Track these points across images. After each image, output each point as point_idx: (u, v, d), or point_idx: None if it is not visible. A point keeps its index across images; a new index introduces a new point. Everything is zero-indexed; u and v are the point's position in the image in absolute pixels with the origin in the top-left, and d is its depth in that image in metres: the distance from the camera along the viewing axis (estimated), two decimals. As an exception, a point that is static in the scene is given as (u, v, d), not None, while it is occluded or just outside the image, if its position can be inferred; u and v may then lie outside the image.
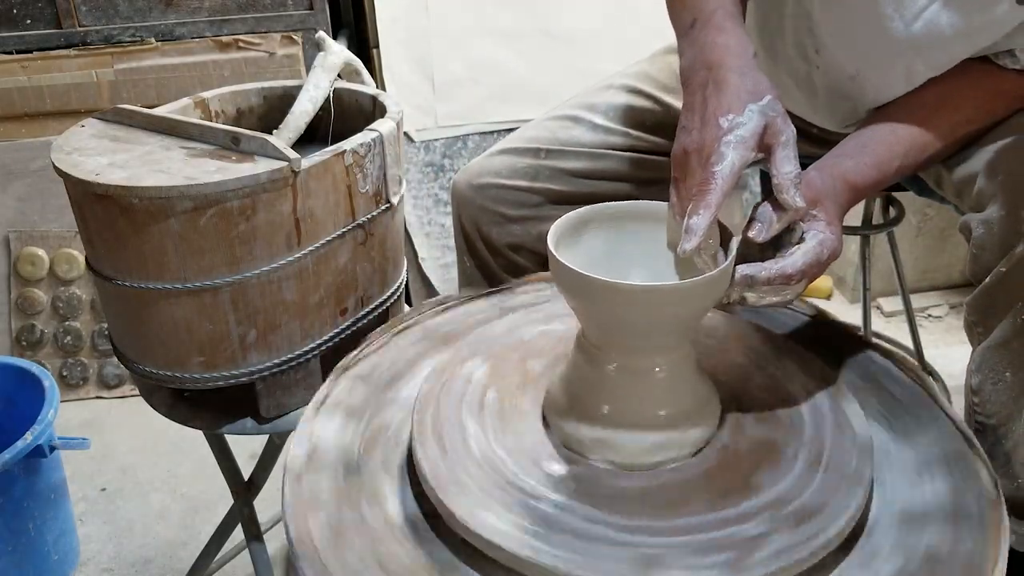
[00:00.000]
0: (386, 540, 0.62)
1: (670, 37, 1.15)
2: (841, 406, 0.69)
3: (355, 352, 0.82)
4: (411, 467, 0.68)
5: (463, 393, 0.72)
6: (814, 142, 1.05)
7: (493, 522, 0.59)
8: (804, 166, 0.74)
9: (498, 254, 1.08)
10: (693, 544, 0.58)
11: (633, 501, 0.62)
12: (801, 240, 0.70)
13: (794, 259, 0.68)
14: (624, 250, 0.71)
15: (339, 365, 0.80)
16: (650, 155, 1.05)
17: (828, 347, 0.80)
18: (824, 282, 2.14)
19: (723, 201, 0.68)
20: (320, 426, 0.73)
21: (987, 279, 0.79)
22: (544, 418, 0.70)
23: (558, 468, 0.65)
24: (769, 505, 0.60)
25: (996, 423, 0.81)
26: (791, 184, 0.70)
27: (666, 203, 0.71)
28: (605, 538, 0.58)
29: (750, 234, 0.69)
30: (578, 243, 0.69)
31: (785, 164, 0.71)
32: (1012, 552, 0.61)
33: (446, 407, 0.70)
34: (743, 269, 0.67)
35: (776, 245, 0.71)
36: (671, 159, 0.74)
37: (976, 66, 0.84)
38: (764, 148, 0.72)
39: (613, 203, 0.71)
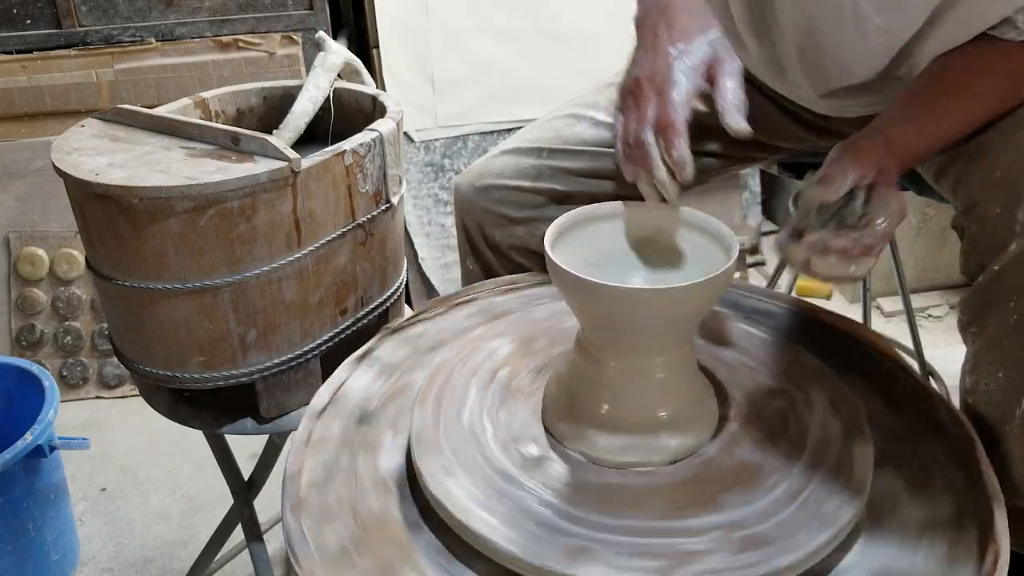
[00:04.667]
0: (367, 490, 0.66)
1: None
2: (852, 447, 0.65)
3: (410, 316, 0.86)
4: None
5: (479, 366, 0.74)
6: (812, 130, 1.06)
7: (450, 487, 0.62)
8: (805, 164, 0.74)
9: (502, 256, 1.07)
10: (628, 546, 0.57)
11: (589, 494, 0.62)
12: (866, 207, 0.68)
13: (876, 229, 0.66)
14: (624, 250, 0.71)
15: (388, 326, 0.85)
16: None
17: (872, 378, 0.77)
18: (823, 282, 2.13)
19: (687, 126, 0.72)
20: (354, 376, 0.78)
21: (980, 278, 0.78)
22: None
23: (532, 450, 0.66)
24: (722, 526, 0.59)
25: (991, 423, 0.80)
26: (734, 107, 0.73)
27: (665, 204, 0.71)
28: (546, 521, 0.59)
29: (824, 194, 0.68)
30: (577, 243, 0.69)
31: (728, 91, 0.74)
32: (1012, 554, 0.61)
33: (457, 376, 0.73)
34: (818, 234, 0.66)
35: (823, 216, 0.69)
36: (619, 92, 0.76)
37: (987, 46, 0.79)
38: (710, 79, 0.75)
39: (612, 203, 0.71)
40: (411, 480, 0.66)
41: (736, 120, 0.73)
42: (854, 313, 1.95)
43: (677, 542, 0.58)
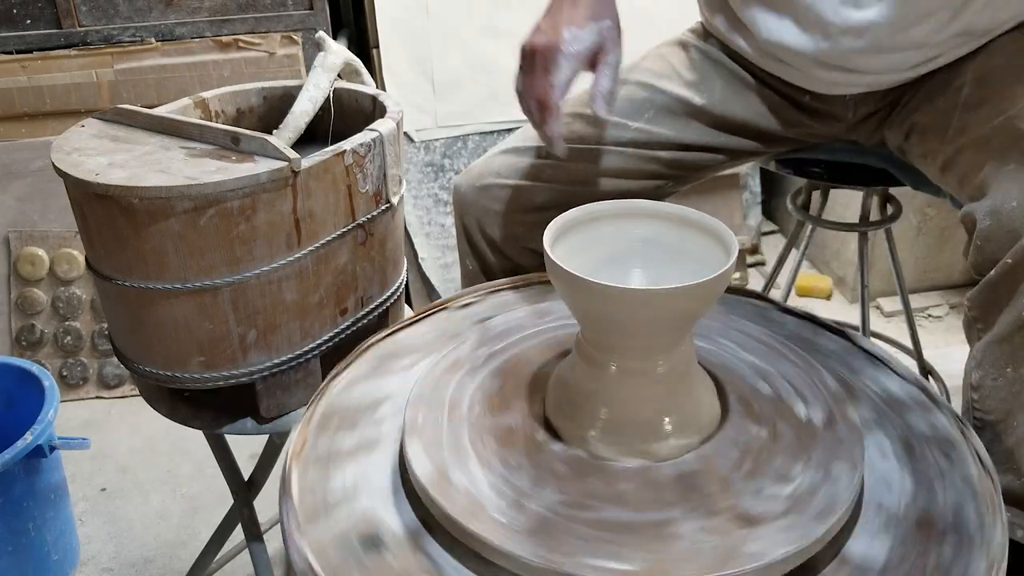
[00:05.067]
0: (367, 465, 0.67)
1: (665, 37, 1.16)
2: (850, 449, 0.65)
3: (456, 296, 0.88)
4: None
5: (484, 361, 0.75)
6: (808, 113, 1.06)
7: (420, 457, 0.63)
8: (804, 160, 0.74)
9: (501, 254, 1.08)
10: (619, 543, 0.58)
11: (586, 491, 0.62)
12: None
13: None
14: (624, 250, 0.71)
15: (438, 302, 0.87)
16: (650, 149, 1.05)
17: (877, 383, 0.76)
18: (823, 282, 2.14)
19: (559, 107, 0.86)
20: (401, 335, 0.81)
21: (991, 272, 0.78)
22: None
23: (531, 447, 0.66)
24: (717, 523, 0.59)
25: (995, 419, 0.80)
26: (601, 96, 0.88)
27: (664, 204, 0.71)
28: (540, 517, 0.59)
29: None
30: (577, 243, 0.69)
31: (603, 80, 0.88)
32: (1013, 545, 0.61)
33: (468, 358, 0.74)
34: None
35: None
36: (521, 48, 0.90)
37: None
38: (592, 64, 0.88)
39: (612, 202, 0.71)
40: (403, 472, 0.67)
41: (600, 108, 0.88)
42: (854, 313, 1.95)
43: (669, 538, 0.58)
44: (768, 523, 0.59)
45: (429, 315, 0.87)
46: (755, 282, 2.19)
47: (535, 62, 0.88)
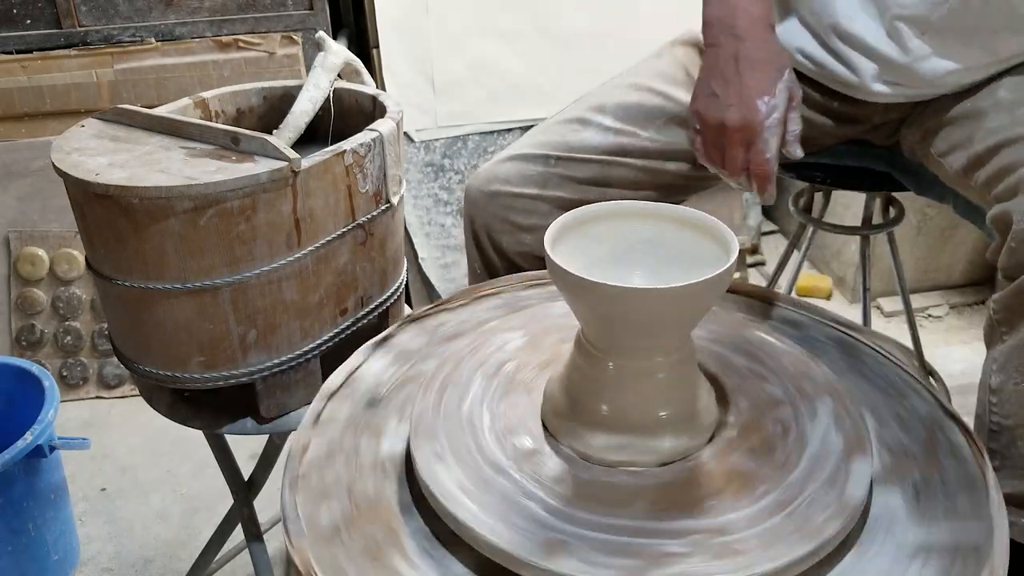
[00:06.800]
0: (365, 472, 0.67)
1: (673, 35, 1.15)
2: (850, 463, 0.63)
3: (430, 306, 0.86)
4: None
5: (487, 358, 0.75)
6: (838, 119, 1.06)
7: (440, 474, 0.63)
8: (805, 164, 0.74)
9: (509, 262, 1.08)
10: (607, 543, 0.58)
11: (576, 490, 0.62)
12: None
13: None
14: (624, 250, 0.71)
15: (409, 315, 0.85)
16: (660, 159, 1.04)
17: (890, 395, 0.74)
18: (824, 282, 2.14)
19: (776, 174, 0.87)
20: (370, 360, 0.79)
21: (1022, 276, 0.76)
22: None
23: (526, 443, 0.66)
24: (704, 531, 0.58)
25: (1014, 424, 0.79)
26: (795, 139, 0.87)
27: (665, 204, 0.71)
28: (525, 511, 0.60)
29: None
30: (578, 243, 0.69)
31: (793, 126, 0.87)
32: (1013, 544, 0.61)
33: (464, 366, 0.74)
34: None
35: None
36: (696, 116, 0.88)
37: None
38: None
39: (613, 203, 0.71)
40: (408, 465, 0.67)
41: (795, 150, 0.87)
42: (854, 313, 1.95)
43: (656, 543, 0.57)
44: (746, 540, 0.58)
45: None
46: (755, 282, 2.19)
47: (730, 139, 0.86)
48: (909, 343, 1.54)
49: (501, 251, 1.07)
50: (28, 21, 1.76)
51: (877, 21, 0.94)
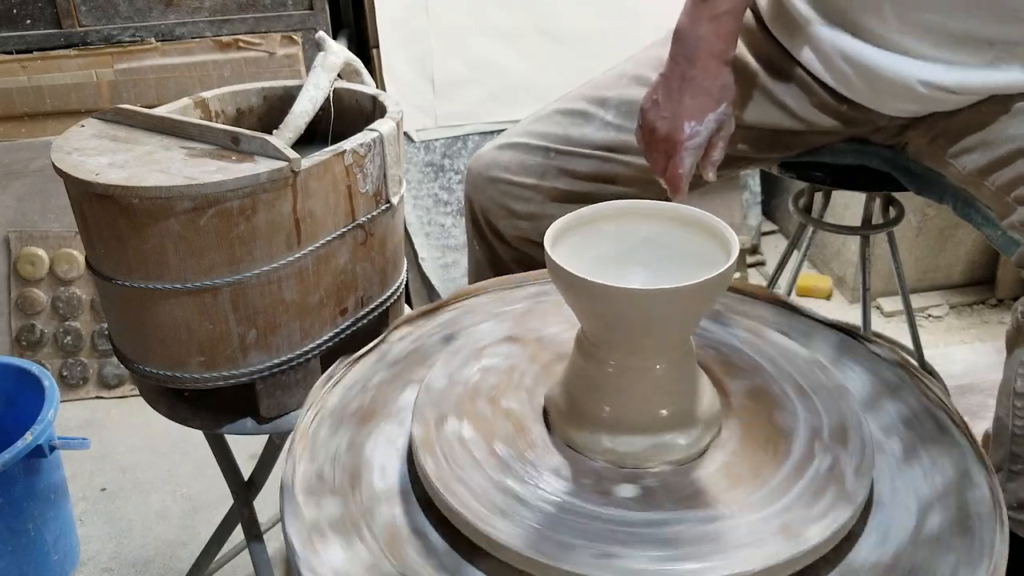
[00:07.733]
0: (365, 472, 0.68)
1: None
2: (847, 464, 0.64)
3: (430, 305, 0.87)
4: None
5: (490, 355, 0.75)
6: (843, 120, 1.05)
7: (450, 481, 0.63)
8: (806, 164, 0.73)
9: (507, 245, 1.11)
10: (612, 539, 0.58)
11: (575, 488, 0.62)
12: None
13: None
14: (624, 250, 0.71)
15: (405, 316, 0.86)
16: None
17: (895, 397, 0.75)
18: (824, 282, 2.14)
19: (688, 183, 0.93)
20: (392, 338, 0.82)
21: None
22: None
23: (527, 443, 0.67)
24: (705, 525, 0.59)
25: None
26: (713, 166, 0.95)
27: (665, 203, 0.71)
28: (536, 513, 0.60)
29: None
30: (578, 243, 0.69)
31: (715, 153, 0.94)
32: (1014, 538, 0.61)
33: (474, 353, 0.75)
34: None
35: None
36: (640, 111, 0.95)
37: None
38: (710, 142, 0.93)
39: (613, 203, 0.71)
40: (410, 462, 0.67)
41: (709, 174, 0.96)
42: (854, 313, 1.95)
43: (660, 540, 0.58)
44: (741, 538, 0.58)
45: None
46: (755, 282, 2.19)
47: (657, 146, 0.93)
48: (909, 343, 1.54)
49: (497, 232, 1.11)
50: (28, 21, 1.76)
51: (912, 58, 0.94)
